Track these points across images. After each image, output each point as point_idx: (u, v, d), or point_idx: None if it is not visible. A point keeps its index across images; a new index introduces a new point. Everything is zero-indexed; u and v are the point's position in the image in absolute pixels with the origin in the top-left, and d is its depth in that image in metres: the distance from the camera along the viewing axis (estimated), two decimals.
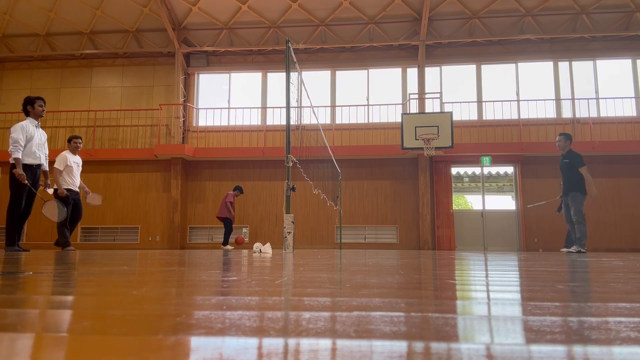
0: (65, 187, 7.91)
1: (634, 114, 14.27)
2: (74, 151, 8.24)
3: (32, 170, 6.90)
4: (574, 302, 1.04)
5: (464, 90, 14.89)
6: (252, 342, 0.61)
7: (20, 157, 6.70)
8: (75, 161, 8.19)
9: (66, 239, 7.81)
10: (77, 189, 8.14)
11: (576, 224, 8.00)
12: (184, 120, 15.29)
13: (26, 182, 6.68)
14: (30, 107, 7.11)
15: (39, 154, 7.03)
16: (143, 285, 1.42)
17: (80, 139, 8.37)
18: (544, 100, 14.46)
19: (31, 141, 6.90)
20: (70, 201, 7.92)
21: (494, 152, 13.68)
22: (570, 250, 8.17)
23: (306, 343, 0.60)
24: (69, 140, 8.25)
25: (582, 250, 7.89)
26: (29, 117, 7.10)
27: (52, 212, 7.22)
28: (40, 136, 7.15)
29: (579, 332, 0.68)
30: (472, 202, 23.76)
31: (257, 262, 3.25)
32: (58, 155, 8.16)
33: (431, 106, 14.66)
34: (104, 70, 15.95)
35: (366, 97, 15.21)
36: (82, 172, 15.12)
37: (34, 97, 7.18)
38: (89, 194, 8.29)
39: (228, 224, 12.36)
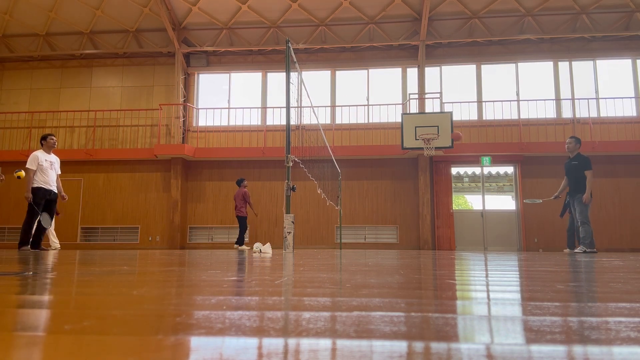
0: (37, 186, 7.57)
1: (634, 114, 14.27)
2: (48, 150, 7.88)
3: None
4: (574, 302, 1.04)
5: (464, 90, 14.89)
6: (252, 342, 0.61)
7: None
8: (48, 159, 7.80)
9: (25, 239, 7.52)
10: (52, 188, 7.77)
11: (580, 224, 8.03)
12: (184, 120, 15.29)
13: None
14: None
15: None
16: (143, 285, 1.42)
17: (55, 136, 8.07)
18: (544, 100, 14.46)
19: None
20: (41, 201, 7.61)
21: (494, 152, 13.67)
22: (577, 250, 8.19)
23: (306, 343, 0.60)
24: (44, 138, 7.87)
25: (589, 250, 7.90)
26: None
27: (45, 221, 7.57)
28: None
29: (579, 332, 0.68)
30: (472, 202, 23.76)
31: (257, 262, 3.25)
32: (30, 154, 7.80)
33: (431, 106, 14.66)
34: (104, 70, 15.94)
35: (366, 97, 15.20)
36: (83, 172, 15.13)
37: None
38: (64, 199, 7.99)
39: (243, 222, 11.97)
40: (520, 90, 14.74)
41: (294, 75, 7.26)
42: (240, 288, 1.33)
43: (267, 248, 6.71)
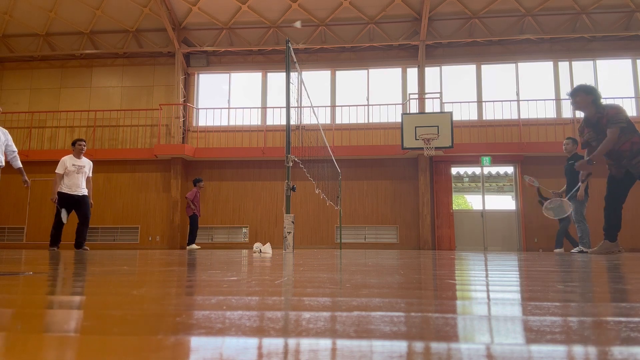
0: (63, 191, 8.07)
1: (634, 114, 14.27)
2: (77, 154, 8.23)
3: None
4: (574, 302, 1.04)
5: (464, 90, 14.89)
6: (252, 342, 0.61)
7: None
8: (76, 164, 8.20)
9: (54, 239, 8.13)
10: (76, 192, 8.17)
11: (576, 223, 8.05)
12: (183, 120, 15.29)
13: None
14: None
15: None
16: (143, 285, 1.42)
17: (84, 141, 8.38)
18: (544, 100, 14.46)
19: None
20: (64, 204, 8.10)
21: (494, 152, 13.67)
22: (574, 250, 8.19)
23: (306, 343, 0.60)
24: (73, 144, 8.28)
25: (585, 249, 7.90)
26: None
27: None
28: None
29: (579, 332, 0.68)
30: (472, 202, 23.78)
31: (257, 262, 3.25)
32: (60, 159, 8.24)
33: (431, 106, 14.66)
34: (104, 70, 15.95)
35: (366, 97, 15.21)
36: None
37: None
38: (90, 206, 8.45)
39: (192, 222, 12.24)
40: (520, 90, 14.74)
41: (294, 75, 7.27)
42: (240, 288, 1.33)
43: (267, 248, 6.70)
